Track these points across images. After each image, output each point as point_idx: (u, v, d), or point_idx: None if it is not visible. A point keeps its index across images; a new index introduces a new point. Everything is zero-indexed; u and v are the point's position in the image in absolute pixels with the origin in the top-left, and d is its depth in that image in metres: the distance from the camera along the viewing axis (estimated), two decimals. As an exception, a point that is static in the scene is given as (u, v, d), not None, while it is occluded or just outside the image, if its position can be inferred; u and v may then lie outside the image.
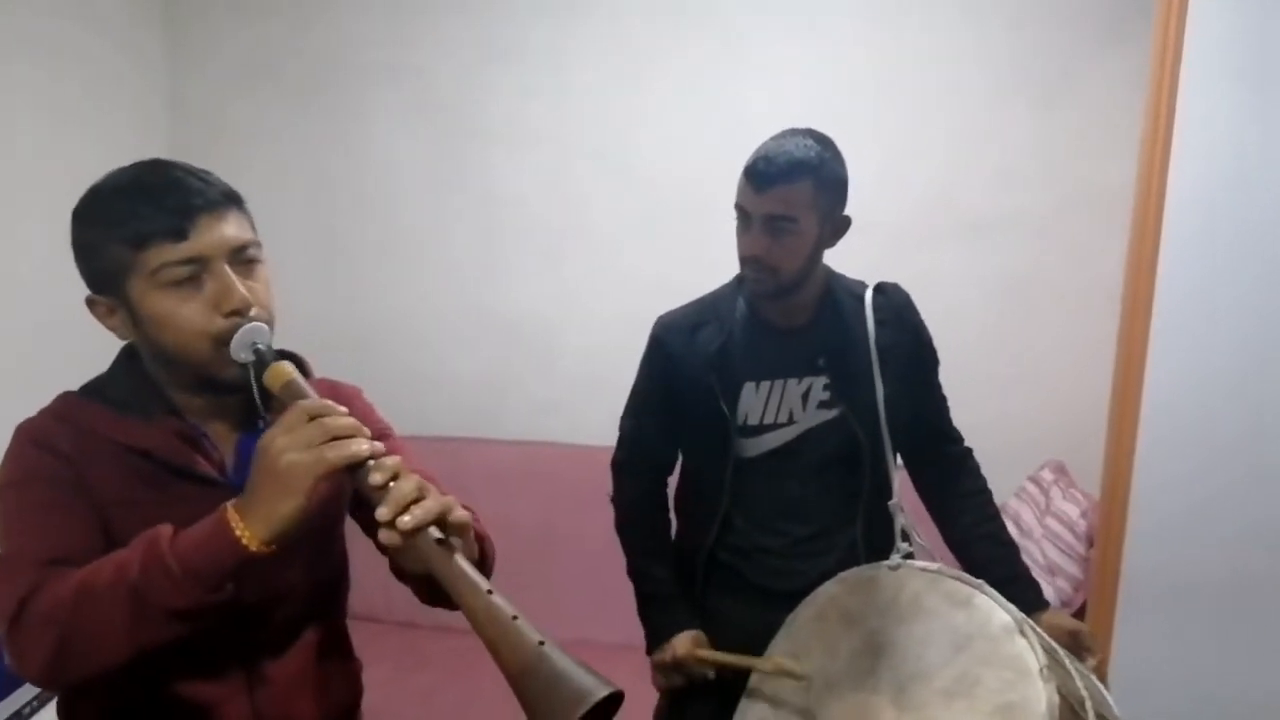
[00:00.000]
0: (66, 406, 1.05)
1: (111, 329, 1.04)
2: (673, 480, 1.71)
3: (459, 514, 0.92)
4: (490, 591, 0.86)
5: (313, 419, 0.89)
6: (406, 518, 0.86)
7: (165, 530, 0.90)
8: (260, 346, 0.98)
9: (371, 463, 0.88)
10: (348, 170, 2.86)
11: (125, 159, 1.05)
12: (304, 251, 2.82)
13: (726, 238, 1.54)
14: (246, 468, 0.94)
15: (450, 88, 2.76)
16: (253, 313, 1.00)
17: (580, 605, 2.56)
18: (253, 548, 0.87)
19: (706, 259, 1.76)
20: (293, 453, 0.87)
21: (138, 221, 0.97)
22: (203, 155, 2.58)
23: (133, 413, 1.03)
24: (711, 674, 1.50)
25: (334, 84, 2.83)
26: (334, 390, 1.19)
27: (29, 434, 1.02)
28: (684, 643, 1.53)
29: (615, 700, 0.80)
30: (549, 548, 2.62)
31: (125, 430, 1.02)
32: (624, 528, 1.67)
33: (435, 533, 0.88)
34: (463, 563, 0.88)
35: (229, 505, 0.89)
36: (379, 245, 2.88)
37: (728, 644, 1.52)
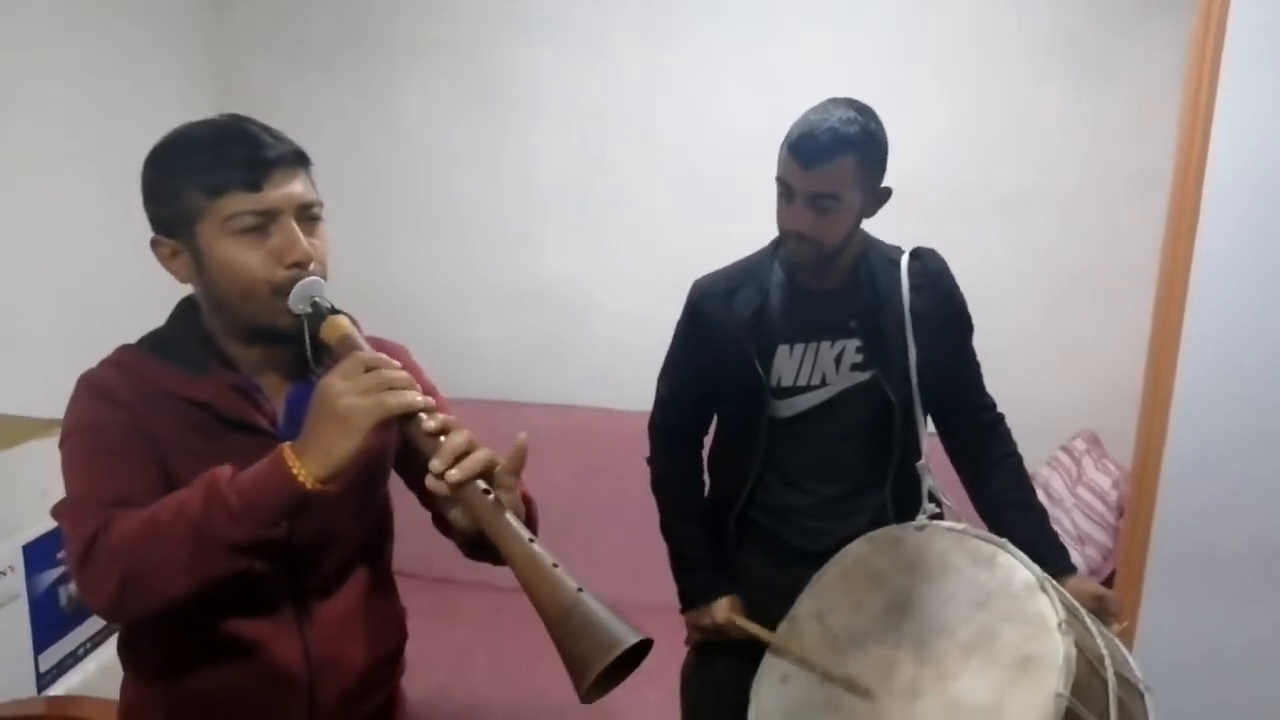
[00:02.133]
0: (127, 358, 1.10)
1: (172, 271, 1.08)
2: (707, 441, 1.75)
3: (509, 468, 0.96)
4: (532, 540, 0.91)
5: (369, 369, 0.93)
6: (455, 471, 0.91)
7: (225, 470, 0.95)
8: (317, 299, 1.02)
9: (425, 415, 0.93)
10: (387, 142, 2.91)
11: (166, 128, 1.09)
12: (344, 220, 2.81)
13: (758, 205, 1.56)
14: (297, 419, 0.99)
15: (487, 61, 2.79)
16: (312, 267, 1.04)
17: (616, 567, 2.61)
18: (309, 485, 0.91)
19: (739, 226, 1.78)
20: (351, 396, 0.91)
21: (215, 170, 1.01)
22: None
23: (189, 366, 1.08)
24: (744, 635, 1.54)
25: (372, 57, 2.86)
26: (382, 346, 1.23)
27: (92, 384, 1.07)
28: (723, 609, 1.58)
29: (645, 647, 0.84)
30: (584, 511, 2.67)
31: (183, 383, 1.07)
32: (660, 488, 1.71)
33: (482, 485, 0.93)
34: (507, 513, 0.92)
35: (286, 446, 0.93)
36: (417, 215, 2.93)
37: (757, 601, 1.58)
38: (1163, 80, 2.28)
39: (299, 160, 1.07)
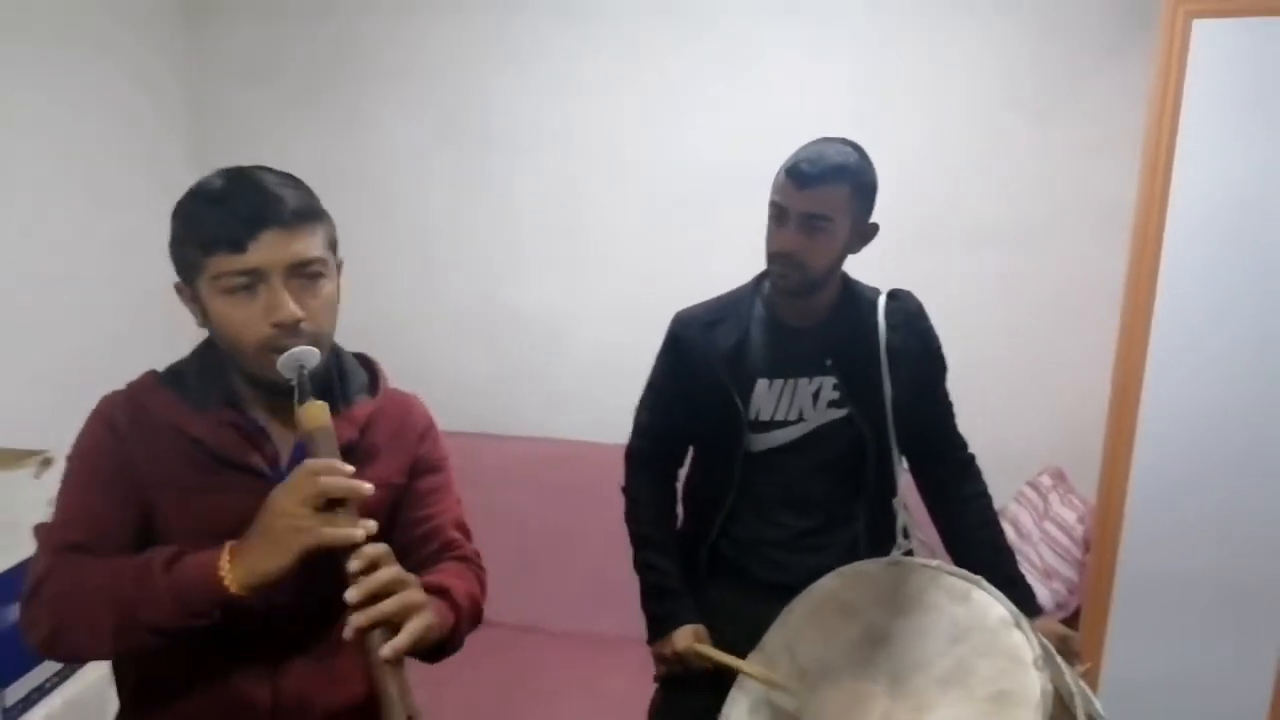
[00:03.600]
0: (142, 387, 1.12)
1: (192, 314, 1.10)
2: (682, 473, 1.75)
3: (417, 623, 0.97)
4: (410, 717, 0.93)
5: (319, 491, 0.95)
6: (360, 615, 0.94)
7: (166, 551, 0.99)
8: (304, 369, 1.03)
9: (355, 555, 0.96)
10: (360, 168, 2.90)
11: (144, 155, 1.10)
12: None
13: (733, 235, 1.57)
14: (300, 450, 1.01)
15: (461, 88, 2.80)
16: (304, 326, 1.04)
17: (587, 599, 2.61)
18: (232, 590, 0.95)
19: (713, 257, 1.79)
20: (290, 519, 0.94)
21: (206, 228, 1.03)
22: (220, 152, 2.65)
23: (196, 401, 1.09)
24: (710, 666, 1.54)
25: (348, 83, 2.87)
26: (399, 400, 1.24)
27: (101, 407, 1.10)
28: (684, 637, 1.57)
29: None
30: (557, 542, 2.66)
31: (184, 417, 1.08)
32: (633, 517, 1.71)
33: (381, 636, 0.94)
34: (389, 678, 0.94)
35: (229, 544, 0.97)
36: (389, 243, 2.92)
37: (728, 633, 1.56)
38: (1126, 114, 2.34)
39: (300, 218, 1.06)
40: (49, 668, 1.91)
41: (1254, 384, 2.01)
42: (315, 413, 1.01)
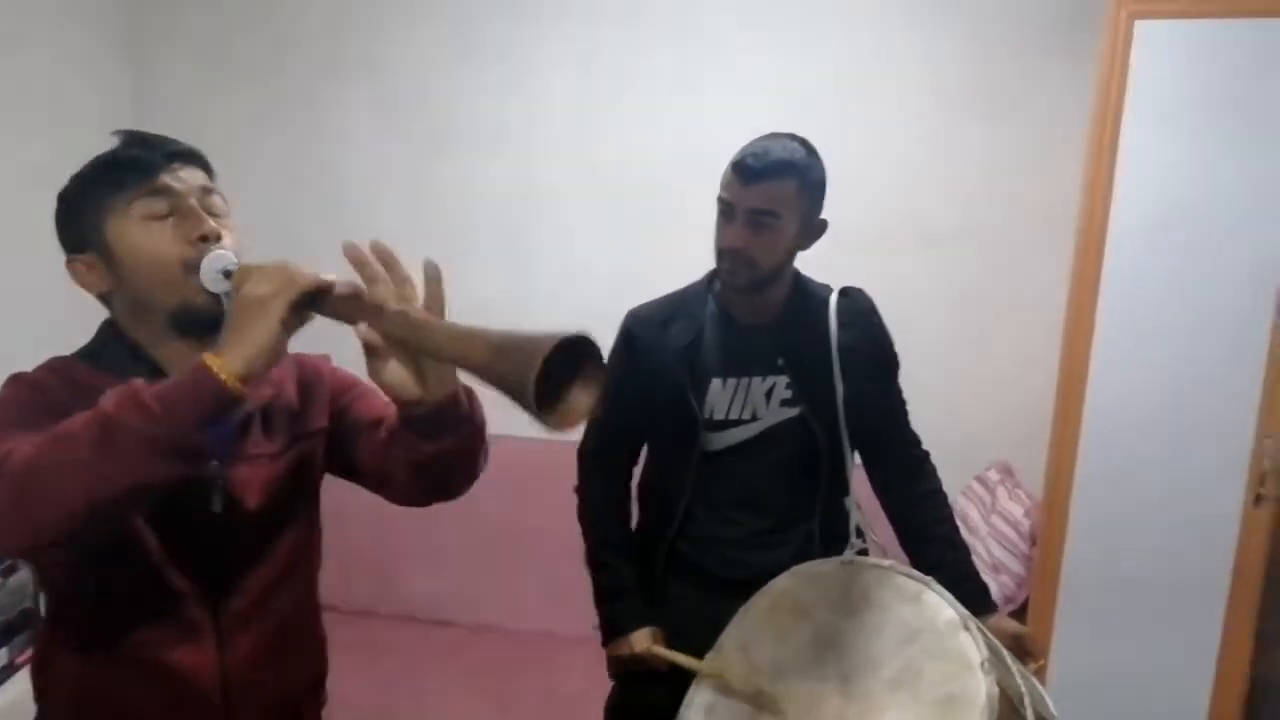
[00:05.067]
0: (58, 364, 1.08)
1: (89, 287, 1.08)
2: (636, 471, 1.75)
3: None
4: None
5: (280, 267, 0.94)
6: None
7: (140, 381, 0.91)
8: (229, 269, 1.01)
9: (337, 285, 0.95)
10: (314, 166, 2.85)
11: (85, 150, 1.10)
12: (269, 246, 2.78)
13: (691, 236, 1.56)
14: (224, 424, 0.98)
15: (418, 85, 2.76)
16: (225, 242, 1.05)
17: (541, 597, 2.60)
18: (228, 382, 0.88)
19: (671, 257, 1.79)
20: (264, 285, 0.92)
21: (114, 167, 1.05)
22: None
23: (116, 370, 1.04)
24: (665, 666, 1.54)
25: (298, 77, 2.81)
26: (302, 362, 1.22)
27: (22, 378, 1.05)
28: (641, 639, 1.57)
29: (585, 346, 0.83)
30: (512, 540, 2.65)
31: (110, 384, 1.00)
32: (587, 517, 1.70)
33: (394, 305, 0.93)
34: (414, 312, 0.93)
35: (205, 355, 0.90)
36: (339, 240, 2.85)
37: (684, 631, 1.57)
38: (1069, 117, 2.38)
39: (195, 159, 1.10)
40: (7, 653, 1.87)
41: (1196, 380, 2.06)
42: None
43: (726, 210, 1.47)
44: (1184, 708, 2.13)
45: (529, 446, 2.81)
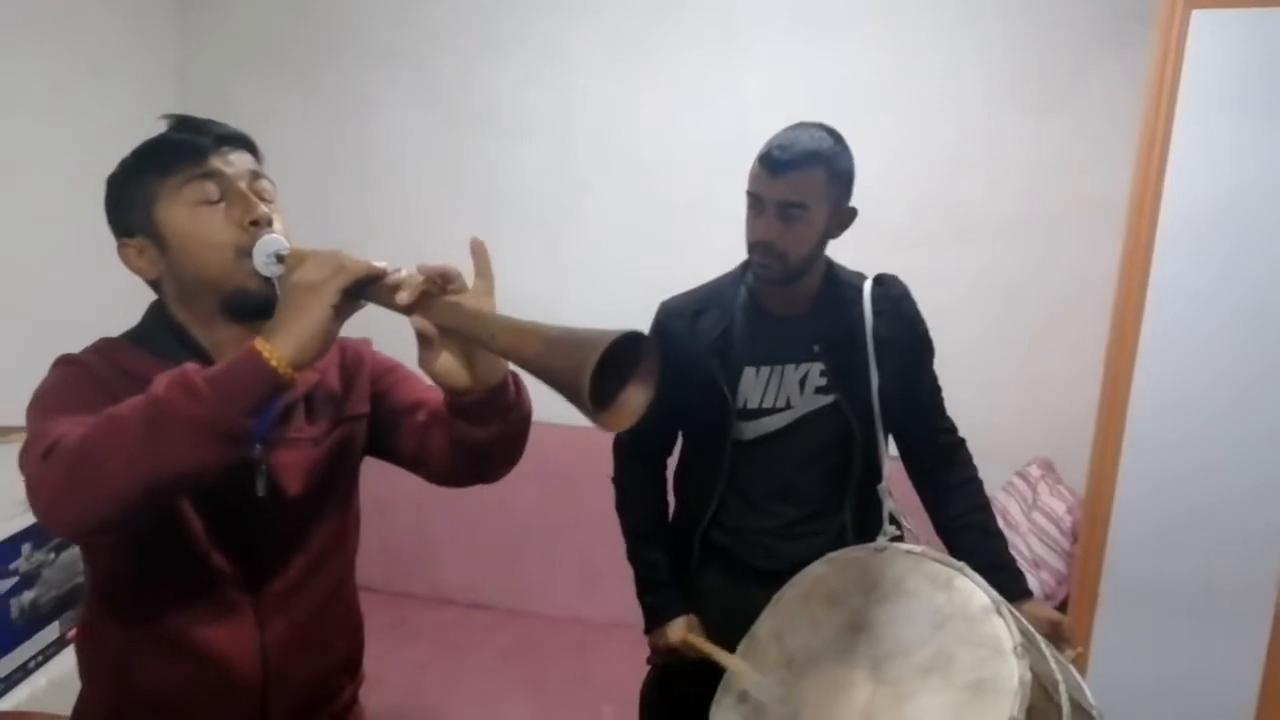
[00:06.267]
0: (105, 345, 1.10)
1: (140, 271, 1.09)
2: (671, 462, 1.75)
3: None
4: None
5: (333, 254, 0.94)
6: (405, 293, 0.92)
7: (192, 364, 0.91)
8: (281, 253, 1.02)
9: (389, 273, 0.94)
10: (349, 152, 2.89)
11: (131, 136, 1.11)
12: (309, 232, 2.83)
13: (723, 227, 1.56)
14: (269, 408, 0.97)
15: (453, 74, 2.79)
16: (276, 228, 1.06)
17: (574, 585, 2.62)
18: (280, 368, 0.88)
19: (703, 248, 1.79)
20: (316, 271, 0.92)
21: (163, 151, 1.06)
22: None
23: (162, 355, 1.06)
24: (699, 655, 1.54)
25: (339, 66, 2.85)
26: (345, 348, 1.23)
27: (70, 359, 1.06)
28: (677, 629, 1.59)
29: (639, 342, 0.83)
30: (545, 528, 2.67)
31: (155, 370, 1.02)
32: (624, 509, 1.71)
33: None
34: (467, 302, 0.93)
35: (256, 340, 0.90)
36: (378, 227, 2.90)
37: (719, 621, 1.58)
38: (1120, 111, 2.34)
39: (244, 143, 1.11)
40: (33, 646, 1.92)
41: (1244, 378, 2.01)
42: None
43: (755, 203, 1.47)
44: (1228, 712, 2.08)
45: (562, 435, 2.84)
